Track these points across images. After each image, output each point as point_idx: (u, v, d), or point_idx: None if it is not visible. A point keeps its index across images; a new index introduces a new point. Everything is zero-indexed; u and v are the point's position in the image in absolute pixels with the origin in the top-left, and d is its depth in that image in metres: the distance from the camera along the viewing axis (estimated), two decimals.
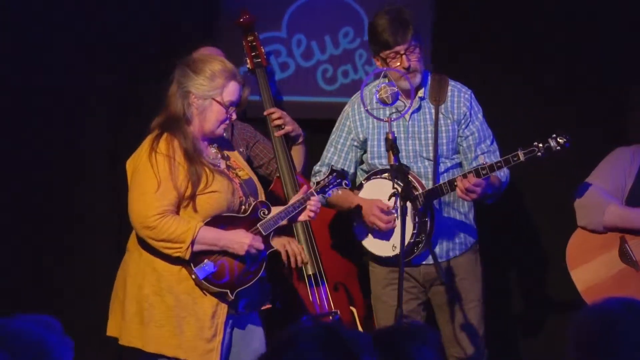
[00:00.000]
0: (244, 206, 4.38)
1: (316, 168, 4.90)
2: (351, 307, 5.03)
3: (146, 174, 4.25)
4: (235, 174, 4.43)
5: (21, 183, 5.47)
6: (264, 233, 4.35)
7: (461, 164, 4.78)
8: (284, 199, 4.92)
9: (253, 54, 5.20)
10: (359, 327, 4.94)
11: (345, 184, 4.49)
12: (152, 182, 4.24)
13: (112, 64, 5.51)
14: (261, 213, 4.38)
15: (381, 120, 4.60)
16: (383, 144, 4.62)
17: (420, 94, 4.74)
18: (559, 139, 4.43)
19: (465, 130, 4.75)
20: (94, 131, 5.55)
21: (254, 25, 5.25)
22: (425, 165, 4.71)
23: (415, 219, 4.51)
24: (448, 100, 4.77)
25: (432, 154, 4.70)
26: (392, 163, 4.33)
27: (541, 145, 4.42)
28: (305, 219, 4.47)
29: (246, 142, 5.07)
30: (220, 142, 4.48)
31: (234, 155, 4.54)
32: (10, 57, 5.41)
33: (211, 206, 4.29)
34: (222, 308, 4.31)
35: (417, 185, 4.59)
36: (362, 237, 4.75)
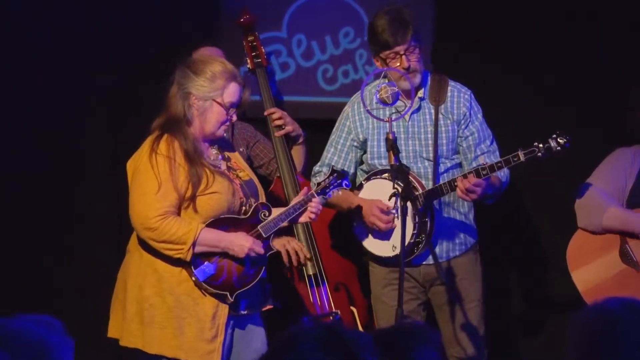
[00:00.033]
0: (244, 207, 4.38)
1: (316, 168, 4.90)
2: (352, 307, 5.03)
3: (147, 175, 4.25)
4: (235, 175, 4.43)
5: (21, 183, 5.47)
6: (264, 235, 4.34)
7: (461, 164, 4.78)
8: (285, 199, 4.92)
9: (253, 54, 5.20)
10: (360, 327, 4.94)
11: (345, 184, 4.49)
12: (152, 183, 4.24)
13: (112, 64, 5.51)
14: (262, 215, 4.38)
15: (381, 120, 4.60)
16: (383, 144, 4.62)
17: (420, 94, 4.74)
18: (559, 139, 4.42)
19: (465, 130, 4.75)
20: (94, 131, 5.55)
21: (255, 25, 5.25)
22: (425, 165, 4.71)
23: (415, 219, 4.50)
24: (448, 101, 4.76)
25: (431, 155, 4.70)
26: (392, 163, 4.33)
27: (541, 145, 4.42)
28: (306, 220, 4.46)
29: (246, 142, 5.07)
30: (221, 143, 4.48)
31: (235, 157, 4.54)
32: (10, 57, 5.41)
33: (212, 207, 4.29)
34: (223, 309, 4.31)
35: (417, 185, 4.59)
36: (362, 237, 4.74)
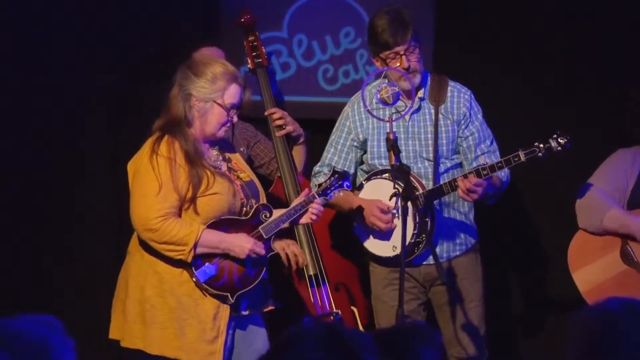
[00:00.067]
0: (245, 208, 4.37)
1: (316, 169, 4.89)
2: (352, 307, 5.03)
3: (147, 176, 4.25)
4: (236, 176, 4.42)
5: (21, 183, 5.47)
6: (265, 236, 4.34)
7: (461, 164, 4.77)
8: (285, 199, 4.92)
9: (254, 54, 5.20)
10: (360, 327, 4.94)
11: (346, 185, 4.49)
12: (153, 185, 4.23)
13: (112, 64, 5.51)
14: (263, 216, 4.37)
15: (382, 120, 4.60)
16: (383, 144, 4.62)
17: (420, 94, 4.73)
18: (559, 140, 4.42)
19: (465, 130, 4.75)
20: (94, 131, 5.55)
21: (255, 25, 5.25)
22: (425, 165, 4.70)
23: (415, 219, 4.50)
24: (448, 101, 4.76)
25: (432, 155, 4.69)
26: (393, 163, 4.33)
27: (542, 145, 4.42)
28: (307, 221, 4.46)
29: (247, 142, 5.07)
30: (221, 144, 4.48)
31: (236, 157, 4.54)
32: (10, 57, 5.41)
33: (212, 208, 4.28)
34: (224, 310, 4.31)
35: (418, 185, 4.59)
36: (362, 237, 4.74)
